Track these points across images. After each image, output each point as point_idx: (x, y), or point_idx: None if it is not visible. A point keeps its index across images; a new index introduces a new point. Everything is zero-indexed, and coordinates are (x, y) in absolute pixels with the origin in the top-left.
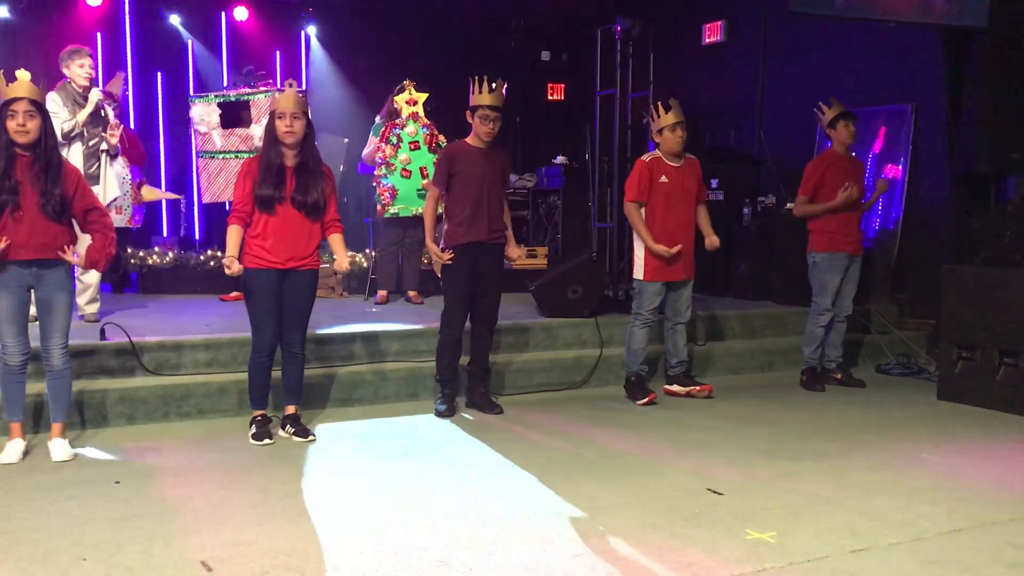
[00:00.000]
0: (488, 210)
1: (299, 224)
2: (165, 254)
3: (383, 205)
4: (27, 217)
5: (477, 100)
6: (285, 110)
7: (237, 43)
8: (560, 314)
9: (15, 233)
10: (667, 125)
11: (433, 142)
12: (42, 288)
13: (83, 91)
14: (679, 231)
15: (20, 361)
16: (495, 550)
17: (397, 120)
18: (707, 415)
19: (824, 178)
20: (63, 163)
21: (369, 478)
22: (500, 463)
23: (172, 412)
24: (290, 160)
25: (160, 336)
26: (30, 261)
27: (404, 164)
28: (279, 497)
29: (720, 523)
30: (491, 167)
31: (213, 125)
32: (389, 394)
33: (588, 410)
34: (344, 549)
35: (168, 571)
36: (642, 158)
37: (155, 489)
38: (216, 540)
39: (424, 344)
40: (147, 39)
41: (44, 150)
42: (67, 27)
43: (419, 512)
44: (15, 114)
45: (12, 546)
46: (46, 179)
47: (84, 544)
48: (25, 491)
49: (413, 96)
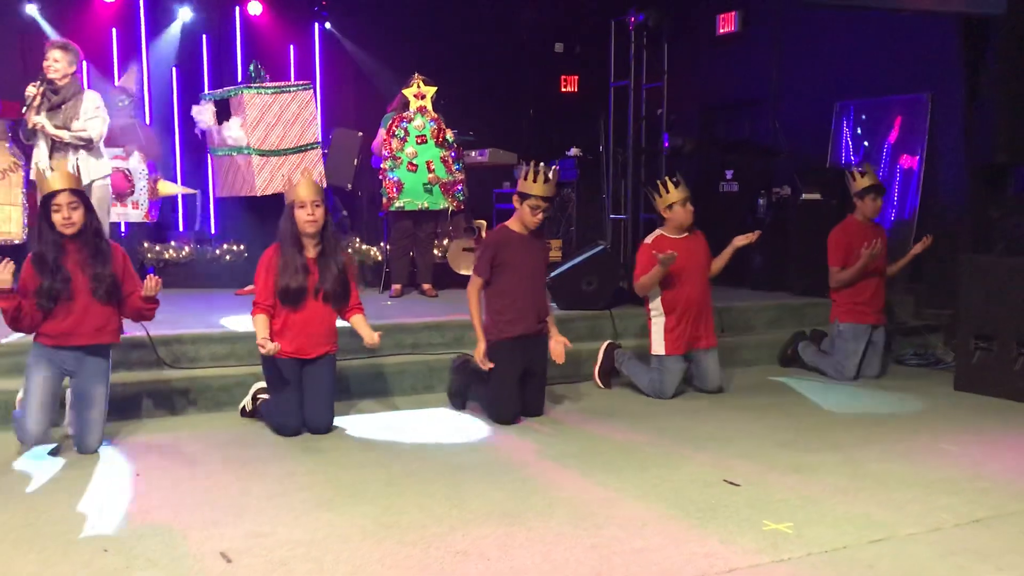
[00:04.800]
0: (535, 301)
1: (323, 315)
2: (181, 248)
3: (388, 198)
4: (79, 304)
5: (528, 189)
6: (306, 199)
7: (251, 38)
8: (575, 306)
9: (64, 321)
10: (677, 200)
11: (440, 136)
12: (81, 377)
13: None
14: (695, 303)
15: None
16: (512, 542)
17: (405, 113)
18: (723, 407)
19: (850, 245)
20: (111, 245)
21: (386, 470)
22: (517, 455)
23: (190, 405)
24: (311, 251)
25: (177, 330)
26: (78, 347)
27: (411, 158)
28: (297, 489)
29: (737, 514)
30: (536, 255)
31: (209, 123)
32: (405, 387)
33: (603, 402)
34: (362, 540)
35: (188, 562)
36: (645, 242)
37: (174, 481)
38: (235, 531)
39: (439, 337)
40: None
41: (91, 235)
42: (83, 23)
43: (437, 504)
44: (59, 208)
45: (35, 538)
46: (96, 263)
47: (105, 536)
48: (46, 484)
49: (422, 90)
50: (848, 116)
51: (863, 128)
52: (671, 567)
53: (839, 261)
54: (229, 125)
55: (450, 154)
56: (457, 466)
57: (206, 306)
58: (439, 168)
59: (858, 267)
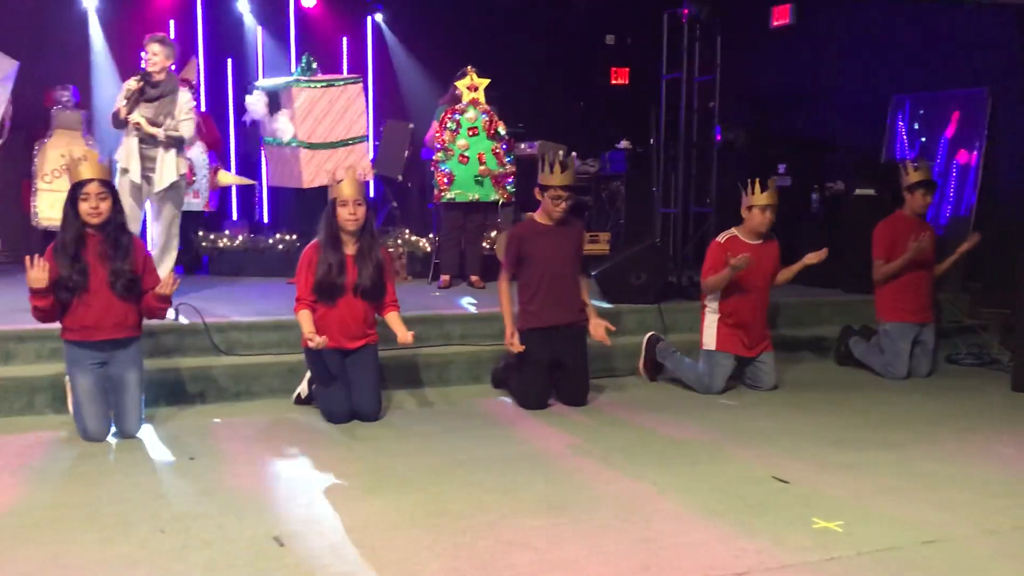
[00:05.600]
0: (563, 291)
1: (359, 310)
2: (235, 237)
3: (440, 190)
4: (97, 298)
5: (547, 180)
6: (348, 197)
7: (305, 30)
8: (623, 300)
9: (85, 315)
10: (759, 205)
11: (492, 128)
12: (114, 365)
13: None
14: (753, 312)
15: (99, 440)
16: (560, 533)
17: (457, 106)
18: (772, 404)
19: (896, 239)
20: (132, 240)
21: (433, 459)
22: (564, 447)
23: (243, 391)
24: (350, 248)
25: (232, 317)
26: (102, 341)
27: (462, 150)
28: (348, 475)
29: (786, 511)
30: (563, 244)
31: (262, 113)
32: (452, 377)
33: (650, 396)
34: (411, 528)
35: (242, 545)
36: (717, 240)
37: (228, 466)
38: (288, 516)
39: (487, 328)
40: (218, 25)
41: (114, 228)
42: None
43: (484, 494)
44: (88, 196)
45: (94, 518)
46: (116, 257)
47: (162, 517)
48: (103, 467)
49: (475, 81)
50: (904, 110)
51: (920, 122)
52: (720, 562)
53: (883, 253)
54: (276, 117)
55: (501, 146)
56: (503, 457)
57: (259, 294)
58: (490, 160)
59: (903, 260)
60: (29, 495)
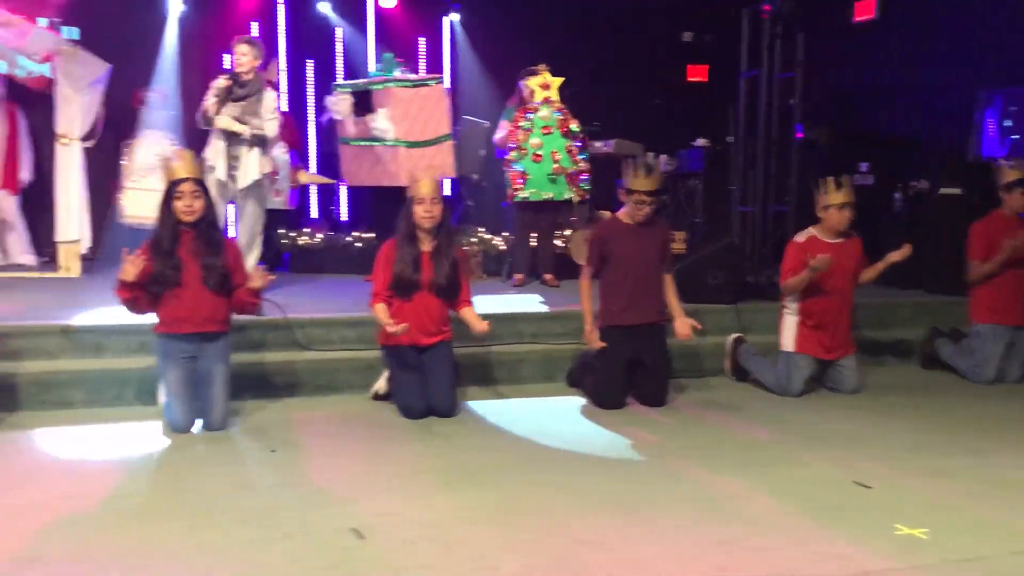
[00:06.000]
0: (647, 291)
1: (434, 307)
2: (315, 235)
3: (513, 189)
4: (189, 292)
5: (632, 184)
6: (425, 195)
7: (383, 30)
8: (699, 300)
9: (177, 308)
10: (835, 204)
11: (566, 126)
12: (202, 359)
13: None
14: (835, 313)
15: (186, 431)
16: (634, 533)
17: (531, 104)
18: (851, 407)
19: (993, 239)
20: (224, 237)
21: (507, 456)
22: (640, 447)
23: (323, 386)
24: (427, 245)
25: (311, 313)
26: (192, 334)
27: (535, 148)
28: (424, 471)
29: (867, 516)
30: (647, 245)
31: (346, 114)
32: (525, 375)
33: (728, 397)
34: (486, 524)
35: (322, 536)
36: (795, 240)
37: (308, 459)
38: (366, 509)
39: (559, 327)
40: (299, 27)
41: (207, 226)
42: (227, 18)
43: (557, 492)
44: (182, 195)
45: (181, 507)
46: (208, 253)
47: (244, 508)
48: (188, 458)
49: (548, 80)
50: (994, 106)
51: (1012, 119)
52: (798, 567)
53: (980, 253)
54: (376, 117)
55: (575, 144)
56: (577, 455)
57: (338, 291)
58: (564, 158)
59: (1000, 259)
60: (120, 484)
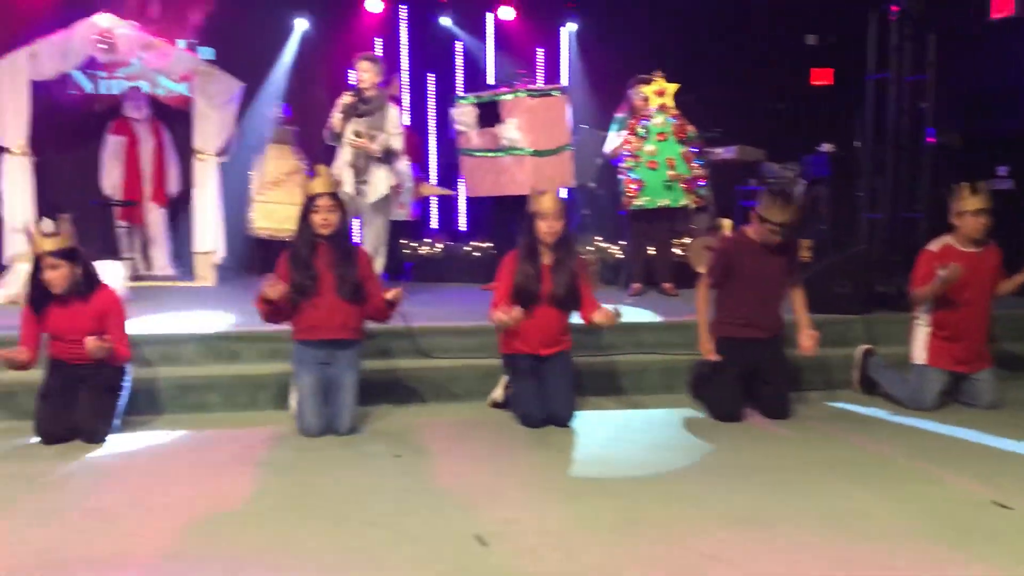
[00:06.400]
0: (768, 308)
1: (554, 318)
2: (435, 245)
3: (628, 197)
4: (325, 301)
5: (768, 213)
6: (548, 211)
7: (502, 42)
8: (825, 310)
9: (313, 317)
10: (970, 210)
11: (682, 133)
12: (334, 365)
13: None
14: (969, 325)
15: (316, 435)
16: (758, 549)
17: (645, 111)
18: (988, 422)
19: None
20: (357, 248)
21: (627, 467)
22: (761, 460)
23: (444, 393)
24: (547, 258)
25: (433, 322)
26: (326, 341)
27: (650, 156)
28: (545, 479)
29: (1008, 540)
30: (775, 265)
31: (470, 125)
32: (645, 385)
33: (856, 410)
34: (609, 534)
35: (447, 542)
36: (929, 249)
37: (431, 465)
38: (489, 516)
39: (679, 337)
40: (420, 42)
41: (343, 238)
42: (351, 33)
43: (680, 504)
44: (319, 209)
45: (314, 508)
46: (343, 265)
47: (372, 511)
48: (318, 462)
49: (663, 87)
50: None
51: None
52: None
53: None
54: (506, 127)
55: (691, 150)
56: (699, 468)
57: (458, 300)
58: (680, 165)
59: None
60: (254, 486)
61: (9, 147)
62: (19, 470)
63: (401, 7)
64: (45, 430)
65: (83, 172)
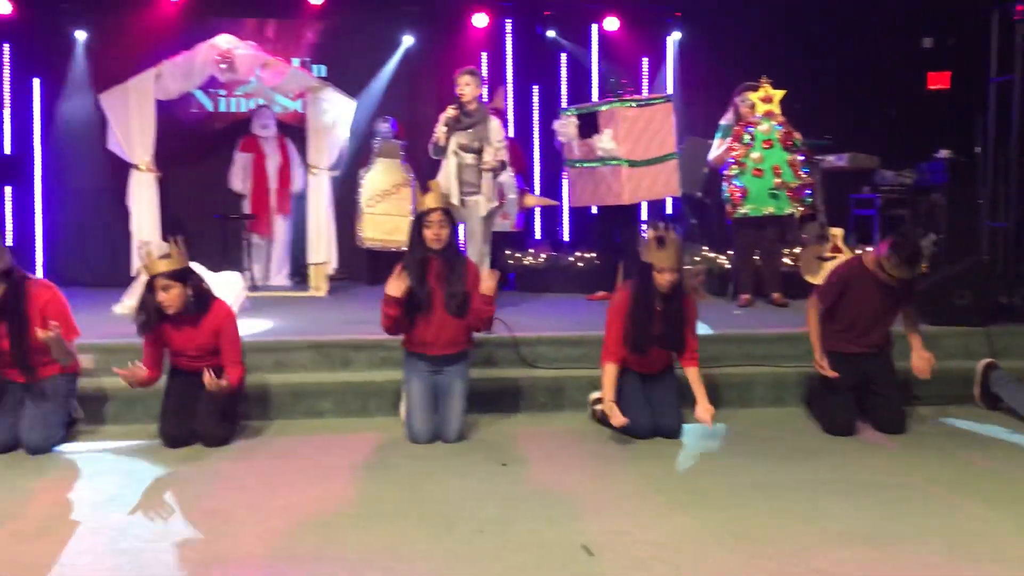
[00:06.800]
0: (879, 328)
1: (664, 355)
2: (539, 255)
3: (733, 205)
4: (435, 318)
5: (892, 268)
6: (666, 267)
7: (606, 53)
8: (944, 321)
9: (424, 332)
10: None
11: (788, 140)
12: (444, 375)
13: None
14: None
15: (425, 442)
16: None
17: (751, 118)
18: None
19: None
20: (467, 261)
21: (736, 480)
22: (876, 476)
23: (549, 403)
24: (659, 305)
25: (537, 332)
26: (435, 356)
27: (756, 163)
28: (652, 491)
29: None
30: (887, 300)
31: (572, 137)
32: (754, 398)
33: (976, 426)
34: (717, 548)
35: (554, 551)
36: None
37: (537, 474)
38: (595, 527)
39: (791, 349)
40: (525, 54)
41: (453, 252)
42: (457, 48)
43: (791, 519)
44: (431, 224)
45: (422, 514)
46: (452, 279)
47: (480, 518)
48: (427, 468)
49: (769, 93)
50: None
51: None
52: None
53: None
54: (601, 137)
55: (798, 157)
56: (810, 483)
57: (562, 310)
58: (786, 172)
59: None
60: (365, 491)
61: (136, 164)
62: (142, 470)
63: (506, 20)
64: (168, 433)
65: (204, 187)
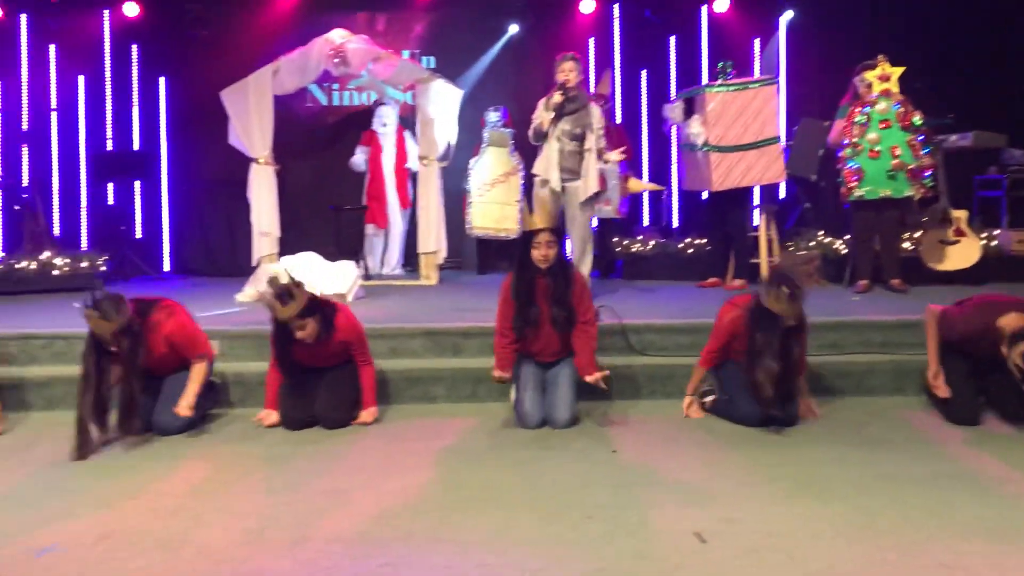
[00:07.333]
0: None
1: None
2: (647, 242)
3: (848, 188)
4: (543, 332)
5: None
6: (781, 311)
7: (716, 36)
8: None
9: (533, 343)
10: None
11: (907, 120)
12: (553, 368)
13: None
14: None
15: (535, 425)
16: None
17: (868, 98)
18: None
19: None
20: (574, 273)
21: (858, 469)
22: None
23: (658, 391)
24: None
25: (646, 319)
26: (544, 363)
27: (873, 144)
28: (764, 479)
29: None
30: None
31: (679, 120)
32: (874, 386)
33: None
34: (834, 538)
35: (664, 537)
36: None
37: (647, 460)
38: (706, 514)
39: (911, 336)
40: (633, 39)
41: (559, 269)
42: (564, 35)
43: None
44: (539, 245)
45: (533, 499)
46: (559, 296)
47: (588, 504)
48: (537, 453)
49: (886, 71)
50: None
51: None
52: None
53: None
54: (689, 123)
55: (917, 138)
56: (932, 474)
57: (670, 297)
58: (905, 153)
59: None
60: (478, 474)
61: (256, 158)
62: (264, 451)
63: (614, 5)
64: (289, 416)
65: (319, 179)
